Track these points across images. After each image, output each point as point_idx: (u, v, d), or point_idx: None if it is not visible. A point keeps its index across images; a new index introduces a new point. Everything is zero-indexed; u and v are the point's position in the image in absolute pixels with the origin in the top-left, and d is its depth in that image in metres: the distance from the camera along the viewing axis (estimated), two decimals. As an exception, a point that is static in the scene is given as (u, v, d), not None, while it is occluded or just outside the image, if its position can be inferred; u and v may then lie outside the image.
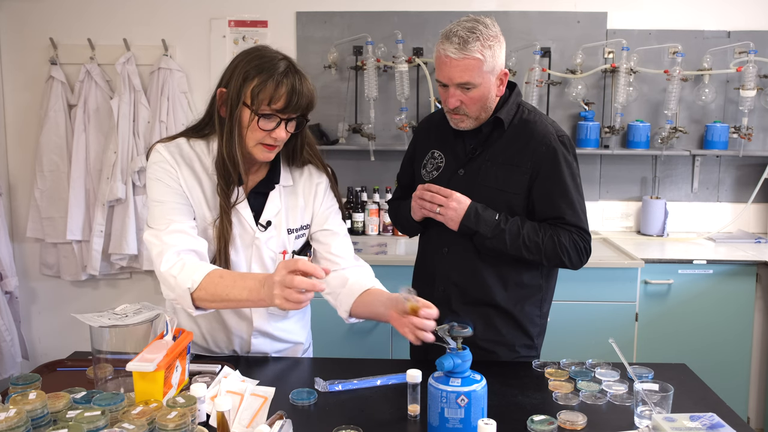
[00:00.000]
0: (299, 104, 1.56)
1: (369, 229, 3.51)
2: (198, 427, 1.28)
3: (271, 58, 1.56)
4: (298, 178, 1.75)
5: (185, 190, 1.63)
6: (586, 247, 1.80)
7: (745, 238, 3.45)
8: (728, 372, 3.09)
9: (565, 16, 3.50)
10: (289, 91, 1.53)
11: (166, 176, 1.62)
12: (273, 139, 1.58)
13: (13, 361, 3.33)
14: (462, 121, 1.80)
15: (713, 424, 1.25)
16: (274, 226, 1.70)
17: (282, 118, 1.56)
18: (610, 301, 3.06)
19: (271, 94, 1.52)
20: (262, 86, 1.52)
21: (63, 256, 3.56)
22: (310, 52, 3.54)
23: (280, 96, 1.53)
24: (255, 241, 1.68)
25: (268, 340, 1.79)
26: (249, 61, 1.56)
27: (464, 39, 1.68)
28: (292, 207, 1.73)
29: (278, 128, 1.57)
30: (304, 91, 1.55)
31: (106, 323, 1.43)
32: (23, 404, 1.20)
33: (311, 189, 1.75)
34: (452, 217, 1.77)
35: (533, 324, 1.88)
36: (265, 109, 1.54)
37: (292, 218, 1.73)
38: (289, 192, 1.73)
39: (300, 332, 1.87)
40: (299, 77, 1.56)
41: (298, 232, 1.74)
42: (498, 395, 1.50)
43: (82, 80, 3.46)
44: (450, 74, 1.72)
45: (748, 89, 3.32)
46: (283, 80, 1.53)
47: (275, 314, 1.77)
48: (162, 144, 1.66)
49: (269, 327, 1.77)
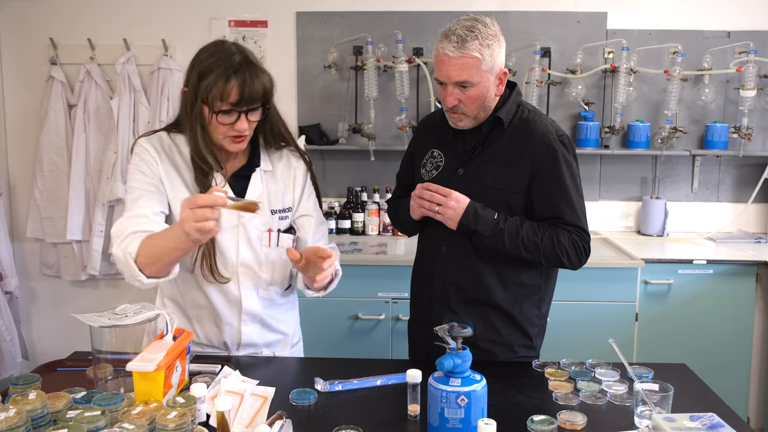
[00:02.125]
0: (251, 96, 1.59)
1: (369, 229, 3.51)
2: (198, 427, 1.28)
3: (224, 54, 1.61)
4: (277, 164, 1.81)
5: (164, 181, 1.68)
6: (585, 247, 1.80)
7: (745, 238, 3.45)
8: (728, 372, 3.09)
9: (565, 16, 3.50)
10: (240, 86, 1.57)
11: (144, 165, 1.69)
12: (237, 131, 1.63)
13: (13, 361, 3.33)
14: (460, 120, 1.80)
15: (713, 424, 1.25)
16: None
17: (240, 111, 1.60)
18: (610, 301, 3.06)
19: (221, 91, 1.57)
20: (214, 84, 1.57)
21: (63, 256, 3.56)
22: (310, 52, 3.54)
23: (231, 91, 1.57)
24: (240, 220, 1.72)
25: (258, 328, 1.80)
26: (203, 60, 1.62)
27: (462, 38, 1.69)
28: (274, 191, 1.78)
29: (239, 121, 1.61)
30: (255, 84, 1.59)
31: (106, 323, 1.43)
32: (23, 404, 1.20)
33: (290, 174, 1.81)
34: (451, 216, 1.77)
35: (532, 324, 1.88)
36: (220, 105, 1.59)
37: (275, 200, 1.78)
38: (269, 177, 1.79)
39: (290, 322, 1.90)
40: (250, 70, 1.59)
41: (282, 214, 1.79)
42: (498, 395, 1.50)
43: (82, 80, 3.46)
44: (448, 73, 1.72)
45: (748, 89, 3.32)
46: (232, 76, 1.57)
47: (265, 297, 1.80)
48: (144, 138, 1.73)
49: (259, 310, 1.79)
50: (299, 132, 3.52)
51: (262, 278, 1.77)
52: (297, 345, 1.95)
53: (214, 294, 1.75)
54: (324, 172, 3.63)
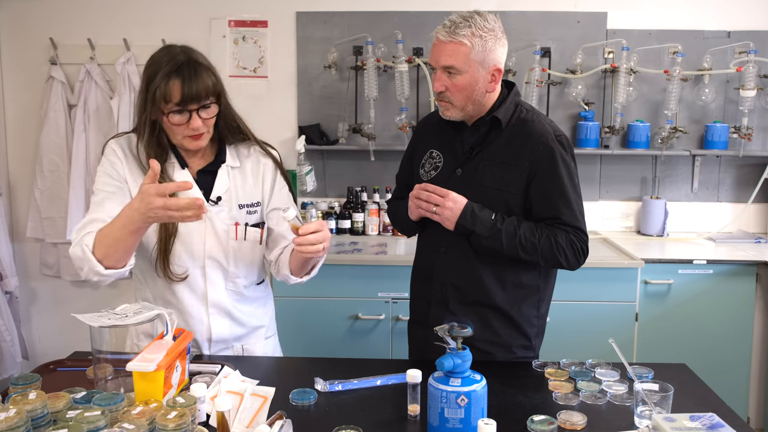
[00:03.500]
0: (194, 94, 1.62)
1: (369, 229, 3.51)
2: (198, 427, 1.28)
3: (168, 55, 1.64)
4: (245, 160, 1.83)
5: (129, 180, 1.72)
6: (583, 248, 1.79)
7: (745, 238, 3.45)
8: (728, 372, 3.09)
9: (565, 16, 3.50)
10: (181, 85, 1.60)
11: (110, 167, 1.73)
12: (192, 129, 1.66)
13: (13, 361, 3.33)
14: (447, 109, 1.80)
15: (713, 424, 1.25)
16: (225, 201, 1.78)
17: (189, 110, 1.63)
18: (610, 301, 3.06)
19: (164, 92, 1.60)
20: (156, 87, 1.61)
21: (63, 256, 3.55)
22: (310, 52, 3.54)
23: (173, 92, 1.60)
24: (207, 213, 1.72)
25: (227, 321, 1.81)
26: (150, 65, 1.66)
27: (456, 24, 1.71)
28: (242, 186, 1.81)
29: (192, 119, 1.64)
30: (196, 81, 1.62)
31: (106, 323, 1.43)
32: (23, 404, 1.20)
33: (259, 168, 1.84)
34: (448, 217, 1.77)
35: (530, 325, 1.88)
36: (166, 107, 1.62)
37: (243, 195, 1.81)
38: (237, 172, 1.81)
39: (262, 316, 1.91)
40: (191, 68, 1.62)
41: (250, 208, 1.81)
42: (498, 395, 1.50)
43: (82, 80, 3.46)
44: (437, 56, 1.75)
45: (748, 89, 3.32)
46: (173, 76, 1.60)
47: (233, 290, 1.81)
48: (114, 139, 1.79)
49: (227, 304, 1.80)
50: (299, 132, 3.52)
51: (229, 271, 1.79)
52: (271, 338, 1.96)
53: (182, 290, 1.76)
54: (324, 172, 3.63)
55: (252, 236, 1.80)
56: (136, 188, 1.71)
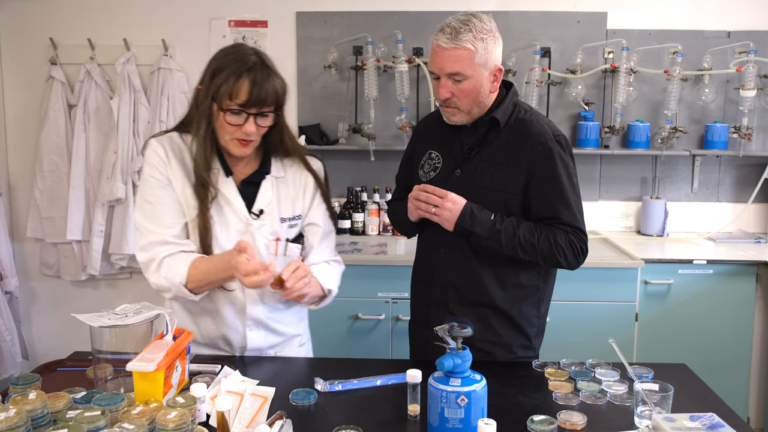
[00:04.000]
0: (261, 98, 1.59)
1: (369, 229, 3.51)
2: (198, 427, 1.28)
3: (241, 54, 1.61)
4: (289, 170, 1.80)
5: (173, 180, 1.69)
6: (582, 248, 1.79)
7: (745, 238, 3.45)
8: (728, 372, 3.09)
9: (565, 16, 3.50)
10: (250, 86, 1.57)
11: (155, 171, 1.69)
12: (244, 134, 1.62)
13: (13, 361, 3.33)
14: (454, 115, 1.80)
15: (713, 424, 1.25)
16: (267, 214, 1.74)
17: (248, 113, 1.59)
18: (610, 301, 3.05)
19: (231, 89, 1.57)
20: (225, 81, 1.57)
21: (63, 256, 3.56)
22: (310, 52, 3.54)
23: (240, 90, 1.57)
24: (249, 228, 1.72)
25: (263, 332, 1.80)
26: (219, 58, 1.62)
27: (456, 29, 1.70)
28: (284, 197, 1.78)
29: (247, 123, 1.60)
30: (266, 86, 1.59)
31: (106, 323, 1.43)
32: (23, 404, 1.20)
33: (302, 180, 1.80)
34: (447, 218, 1.77)
35: (531, 325, 1.88)
36: (229, 104, 1.58)
37: (285, 207, 1.77)
38: (280, 183, 1.78)
39: (297, 324, 1.89)
40: (263, 72, 1.59)
41: (291, 221, 1.78)
42: (498, 395, 1.50)
43: (82, 80, 3.46)
44: (441, 64, 1.73)
45: (748, 89, 3.32)
46: (244, 74, 1.57)
47: (269, 303, 1.79)
48: (155, 139, 1.73)
49: (263, 316, 1.78)
50: (299, 132, 3.52)
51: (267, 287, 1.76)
52: (304, 345, 1.95)
53: (220, 299, 1.75)
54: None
55: (292, 252, 1.76)
56: (179, 188, 1.69)
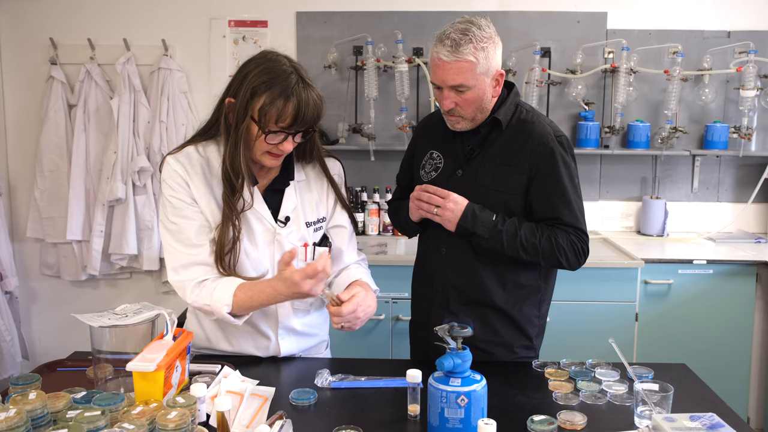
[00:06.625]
0: (306, 120, 1.57)
1: (369, 229, 3.51)
2: (198, 427, 1.28)
3: (281, 72, 1.56)
4: (310, 173, 1.79)
5: (196, 198, 1.64)
6: (583, 248, 1.79)
7: (745, 238, 3.45)
8: (728, 372, 3.09)
9: (565, 16, 3.50)
10: (296, 109, 1.54)
11: (180, 193, 1.64)
12: (280, 150, 1.61)
13: (13, 361, 3.33)
14: (458, 122, 1.80)
15: (713, 424, 1.25)
16: (293, 220, 1.73)
17: (289, 132, 1.58)
18: (610, 301, 3.06)
19: (278, 113, 1.54)
20: (271, 106, 1.53)
21: (63, 256, 3.56)
22: (310, 52, 3.54)
23: (288, 115, 1.54)
24: (276, 236, 1.70)
25: (294, 338, 1.79)
26: (258, 74, 1.56)
27: (456, 42, 1.68)
28: (308, 201, 1.76)
29: (285, 141, 1.59)
30: (311, 107, 1.56)
31: (106, 323, 1.44)
32: (23, 404, 1.20)
33: (323, 183, 1.80)
34: (449, 218, 1.77)
35: (531, 325, 1.88)
36: (273, 126, 1.56)
37: (309, 211, 1.76)
38: (303, 186, 1.77)
39: (323, 326, 1.88)
40: (306, 91, 1.56)
41: (316, 225, 1.77)
42: (498, 395, 1.50)
43: (82, 80, 3.46)
44: (443, 77, 1.72)
45: (748, 89, 3.32)
46: (291, 98, 1.53)
47: (299, 309, 1.78)
48: (172, 156, 1.66)
49: (295, 323, 1.77)
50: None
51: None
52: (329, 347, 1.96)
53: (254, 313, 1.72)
54: (324, 172, 3.63)
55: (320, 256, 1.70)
56: (204, 205, 1.64)
